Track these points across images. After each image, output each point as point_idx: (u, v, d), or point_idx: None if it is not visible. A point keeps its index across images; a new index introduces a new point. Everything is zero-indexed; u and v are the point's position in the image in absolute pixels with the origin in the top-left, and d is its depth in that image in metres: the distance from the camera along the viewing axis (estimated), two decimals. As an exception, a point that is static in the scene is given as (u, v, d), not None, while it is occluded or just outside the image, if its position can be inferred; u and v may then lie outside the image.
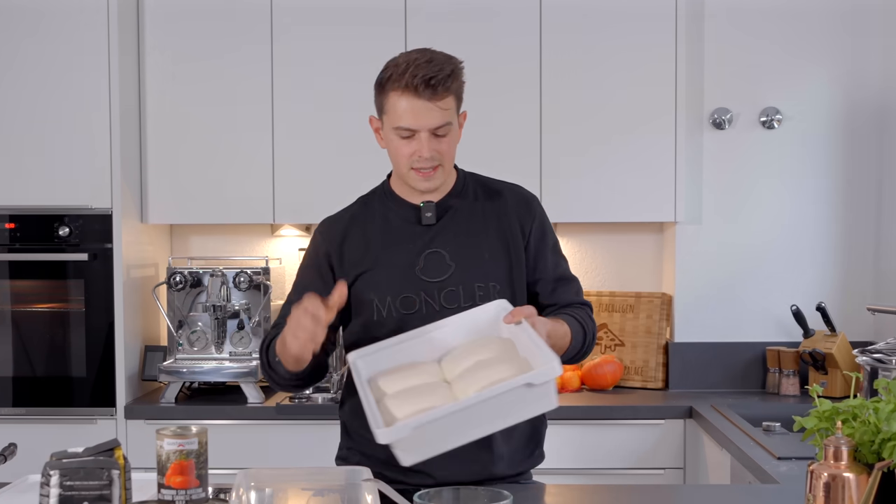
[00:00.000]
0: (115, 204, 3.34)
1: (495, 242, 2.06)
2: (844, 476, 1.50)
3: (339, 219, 2.13)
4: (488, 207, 2.10)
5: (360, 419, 2.06)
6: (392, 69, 1.96)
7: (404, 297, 2.01)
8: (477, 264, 2.03)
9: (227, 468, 2.07)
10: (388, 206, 2.10)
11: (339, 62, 3.48)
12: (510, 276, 2.06)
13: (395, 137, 1.99)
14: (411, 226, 2.06)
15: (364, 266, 2.04)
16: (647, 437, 3.25)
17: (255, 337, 3.48)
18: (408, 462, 1.71)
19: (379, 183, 2.17)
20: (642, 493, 2.12)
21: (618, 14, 3.45)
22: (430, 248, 2.04)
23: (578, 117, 3.47)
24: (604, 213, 3.49)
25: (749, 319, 3.56)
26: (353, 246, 2.07)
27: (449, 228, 2.06)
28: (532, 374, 1.66)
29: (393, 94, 1.95)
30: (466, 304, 2.00)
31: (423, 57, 1.95)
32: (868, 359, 2.68)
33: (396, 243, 2.05)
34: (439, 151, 1.98)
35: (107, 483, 1.60)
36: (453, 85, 1.96)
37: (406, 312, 2.00)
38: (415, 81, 1.91)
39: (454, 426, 1.68)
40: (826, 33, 3.51)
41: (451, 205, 2.08)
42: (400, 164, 2.02)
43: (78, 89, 3.34)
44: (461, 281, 2.01)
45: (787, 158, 3.54)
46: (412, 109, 1.94)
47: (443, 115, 1.95)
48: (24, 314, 3.36)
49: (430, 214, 2.05)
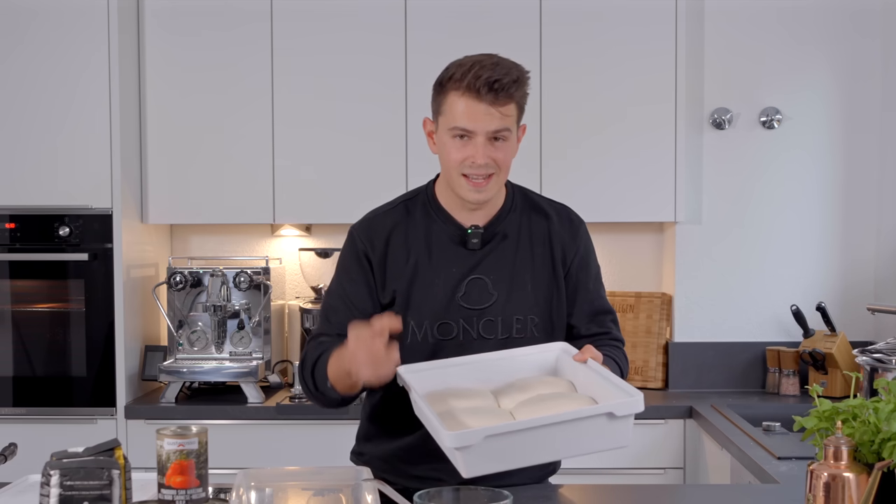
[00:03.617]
0: (115, 204, 3.34)
1: (539, 271, 2.00)
2: (844, 476, 1.50)
3: (381, 225, 2.01)
4: (535, 232, 2.02)
5: (375, 431, 2.05)
6: (455, 69, 1.88)
7: (442, 323, 1.95)
8: (519, 296, 1.98)
9: (227, 468, 2.07)
10: (433, 218, 2.01)
11: (339, 61, 3.48)
12: (550, 308, 2.01)
13: (448, 140, 1.90)
14: (456, 247, 1.98)
15: (404, 284, 1.97)
16: (647, 437, 3.25)
17: (255, 337, 3.48)
18: (468, 474, 1.64)
19: (422, 184, 2.08)
20: (642, 493, 2.12)
21: (618, 14, 3.45)
22: (473, 273, 1.97)
23: (578, 117, 3.47)
24: (604, 213, 3.48)
25: (749, 319, 3.56)
26: (394, 259, 1.98)
27: (495, 254, 1.99)
28: (616, 405, 1.64)
29: (453, 93, 1.87)
30: (503, 336, 1.96)
31: (490, 60, 1.88)
32: (868, 359, 2.68)
33: (440, 265, 1.97)
34: (494, 159, 1.89)
35: (107, 483, 1.60)
36: (517, 93, 1.88)
37: (442, 338, 1.95)
38: (477, 84, 1.84)
39: (525, 445, 1.63)
40: (826, 33, 3.51)
41: (497, 231, 2.00)
42: (450, 168, 1.92)
43: (78, 89, 3.34)
44: (501, 312, 1.96)
45: (787, 158, 3.54)
46: (471, 111, 1.86)
47: (502, 121, 1.87)
48: (24, 314, 3.36)
49: (477, 241, 1.97)
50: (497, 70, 1.86)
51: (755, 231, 3.55)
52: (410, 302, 1.96)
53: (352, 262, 2.01)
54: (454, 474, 1.68)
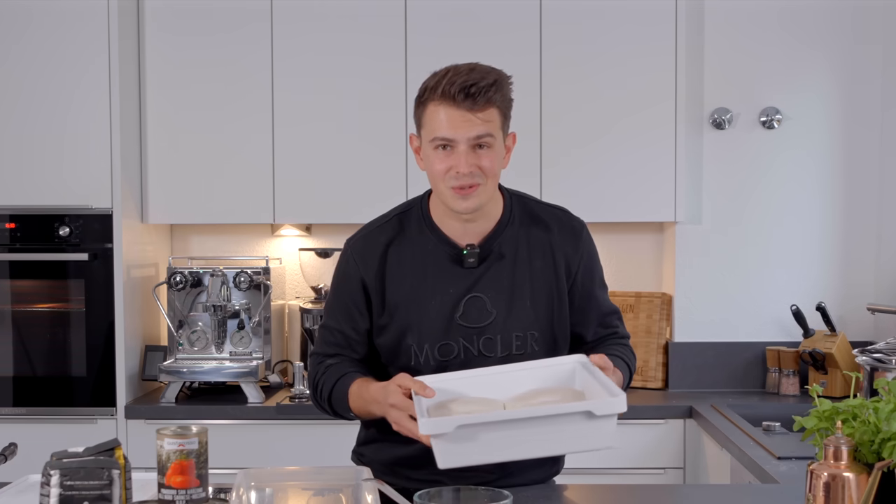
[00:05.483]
0: (115, 204, 3.34)
1: (539, 286, 1.97)
2: (844, 476, 1.50)
3: (375, 242, 1.99)
4: (535, 245, 1.98)
5: (374, 438, 2.05)
6: (431, 79, 1.86)
7: (443, 344, 1.94)
8: (517, 313, 1.95)
9: (227, 468, 2.07)
10: (428, 237, 1.97)
11: (339, 61, 3.48)
12: (551, 321, 1.98)
13: (431, 151, 1.87)
14: (452, 266, 1.95)
15: (402, 307, 1.95)
16: (647, 437, 3.25)
17: (255, 337, 3.48)
18: (443, 464, 1.64)
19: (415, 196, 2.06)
20: (642, 493, 2.12)
21: (618, 14, 3.45)
22: (471, 293, 1.94)
23: (578, 117, 3.47)
24: (604, 212, 3.48)
25: (749, 319, 3.56)
26: (390, 279, 1.96)
27: (491, 272, 1.96)
28: (593, 403, 1.63)
29: (431, 104, 1.85)
30: (503, 354, 1.94)
31: (465, 66, 1.85)
32: (868, 359, 2.68)
33: (437, 286, 1.95)
34: (480, 167, 1.85)
35: (107, 483, 1.60)
36: (496, 96, 1.84)
37: (444, 359, 1.94)
38: (452, 90, 1.81)
39: (501, 439, 1.62)
40: (826, 33, 3.51)
41: (493, 248, 1.96)
42: (437, 181, 1.88)
43: (78, 89, 3.34)
44: (500, 330, 1.94)
45: (787, 158, 3.54)
46: (449, 119, 1.82)
47: (483, 126, 1.83)
48: (24, 314, 3.36)
49: (473, 260, 1.94)
50: (472, 74, 1.82)
51: (755, 231, 3.55)
52: (409, 324, 1.95)
53: (346, 283, 2.00)
54: (456, 480, 1.68)
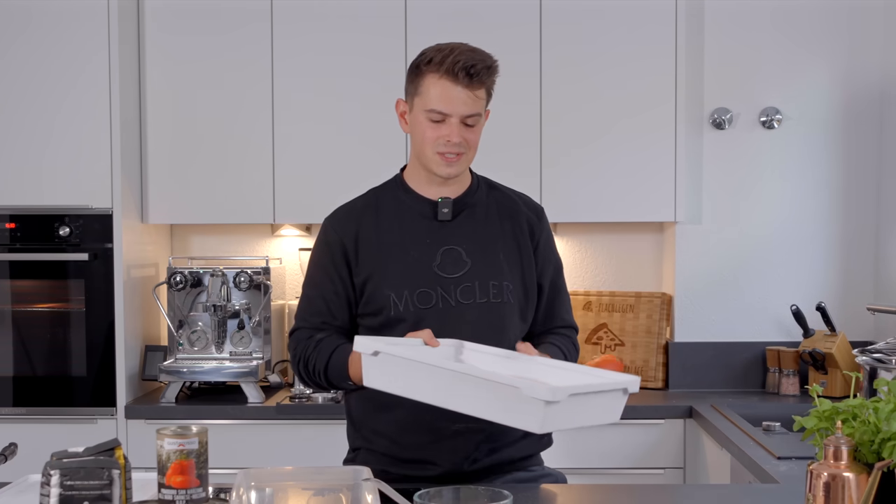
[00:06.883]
0: (115, 204, 3.34)
1: (509, 242, 2.10)
2: (844, 476, 1.50)
3: (351, 209, 2.13)
4: (502, 208, 2.14)
5: (365, 408, 2.07)
6: (433, 53, 1.99)
7: (421, 291, 2.02)
8: (492, 262, 2.07)
9: (227, 468, 2.07)
10: (403, 199, 2.10)
11: (340, 61, 3.48)
12: (522, 275, 2.10)
13: (423, 120, 2.01)
14: (427, 221, 2.08)
15: (380, 261, 2.05)
16: (647, 437, 3.25)
17: (255, 337, 3.48)
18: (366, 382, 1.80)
19: (389, 177, 2.18)
20: (642, 493, 2.12)
21: (618, 14, 3.45)
22: (447, 244, 2.06)
23: (578, 117, 3.47)
24: (604, 212, 3.48)
25: (749, 319, 3.56)
26: (367, 239, 2.07)
27: (465, 225, 2.09)
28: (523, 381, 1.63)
29: (430, 76, 1.98)
30: (482, 300, 2.03)
31: (465, 46, 2.00)
32: (868, 359, 2.68)
33: (412, 239, 2.06)
34: (466, 140, 2.01)
35: (107, 483, 1.60)
36: (489, 79, 2.01)
37: (423, 307, 2.01)
38: (455, 68, 1.95)
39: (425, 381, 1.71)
40: (826, 33, 3.51)
41: (466, 202, 2.10)
42: (425, 147, 2.02)
43: (78, 89, 3.34)
44: (477, 277, 2.04)
45: (787, 158, 3.54)
46: (447, 94, 1.97)
47: (475, 105, 1.99)
48: (24, 314, 3.36)
49: (447, 210, 2.08)
50: (474, 56, 1.97)
51: (755, 231, 3.55)
52: (388, 274, 2.03)
53: (327, 250, 2.09)
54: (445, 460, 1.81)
